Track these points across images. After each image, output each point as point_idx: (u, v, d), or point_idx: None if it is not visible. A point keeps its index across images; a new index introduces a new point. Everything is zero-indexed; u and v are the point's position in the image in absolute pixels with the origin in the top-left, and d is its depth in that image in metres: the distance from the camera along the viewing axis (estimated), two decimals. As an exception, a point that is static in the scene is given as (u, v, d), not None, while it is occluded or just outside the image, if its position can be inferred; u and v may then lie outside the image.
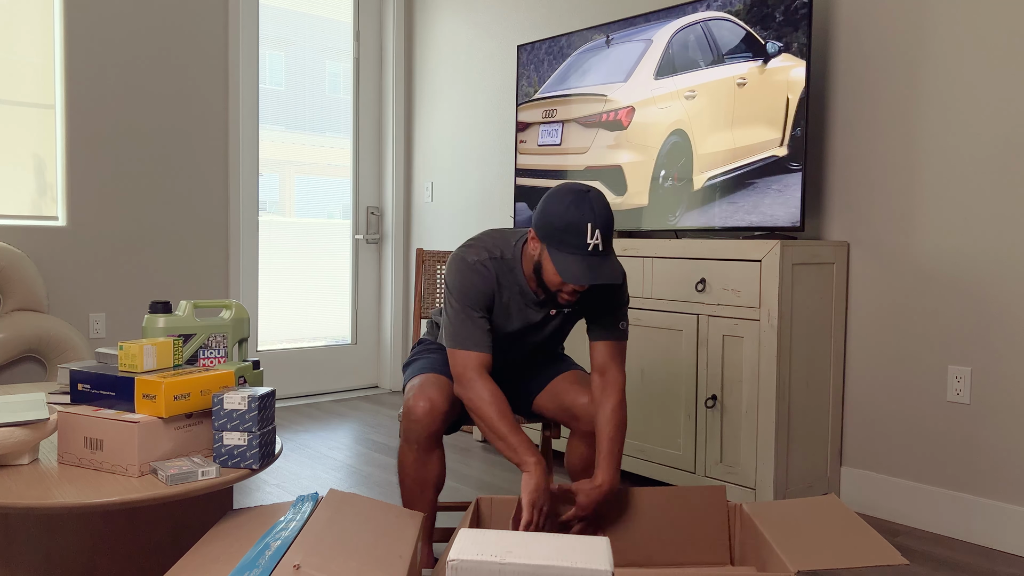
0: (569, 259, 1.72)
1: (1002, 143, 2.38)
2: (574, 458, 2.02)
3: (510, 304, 1.91)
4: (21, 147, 3.47)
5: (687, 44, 2.93)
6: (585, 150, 3.29)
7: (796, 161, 2.61)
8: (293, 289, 4.41)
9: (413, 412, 1.87)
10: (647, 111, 3.08)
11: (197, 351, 1.97)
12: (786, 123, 2.63)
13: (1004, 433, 2.39)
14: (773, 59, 2.67)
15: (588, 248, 1.71)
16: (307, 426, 3.81)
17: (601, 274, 1.71)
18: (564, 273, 1.71)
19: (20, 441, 1.57)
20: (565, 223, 1.71)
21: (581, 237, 1.71)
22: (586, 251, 1.72)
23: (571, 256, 1.72)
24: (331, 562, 1.35)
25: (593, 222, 1.71)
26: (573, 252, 1.72)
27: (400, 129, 4.63)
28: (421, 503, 1.95)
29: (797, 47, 2.60)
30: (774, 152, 2.67)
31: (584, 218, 1.71)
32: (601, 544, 1.36)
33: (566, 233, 1.71)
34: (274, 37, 4.27)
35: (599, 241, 1.71)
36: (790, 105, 2.62)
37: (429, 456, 1.91)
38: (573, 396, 1.99)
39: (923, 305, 2.56)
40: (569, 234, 1.71)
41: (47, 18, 3.50)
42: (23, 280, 3.21)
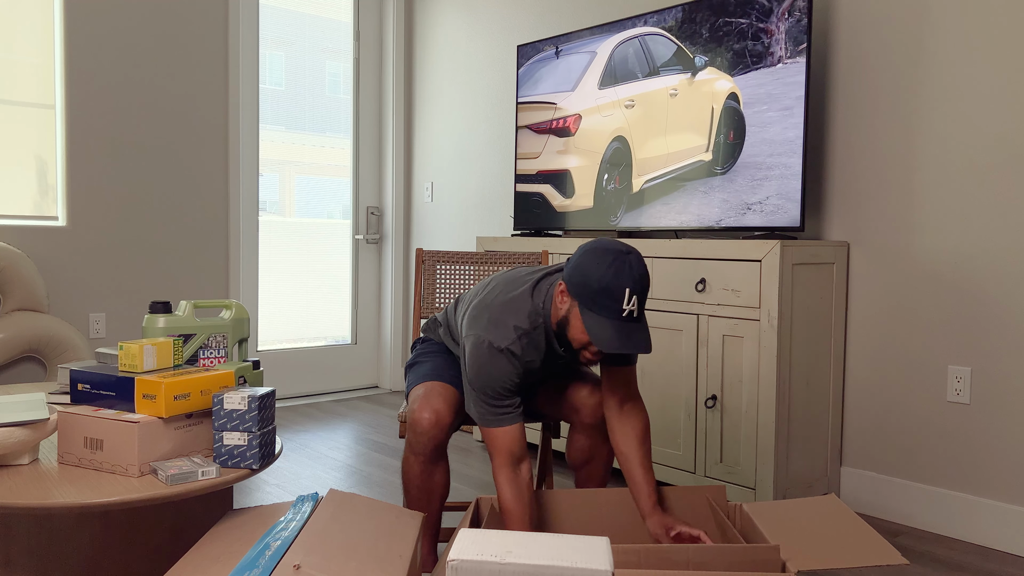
0: (603, 323, 1.64)
1: (1002, 143, 2.38)
2: (575, 451, 2.02)
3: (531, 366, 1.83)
4: (21, 147, 3.47)
5: (626, 57, 3.11)
6: (537, 155, 3.46)
7: (720, 166, 2.80)
8: (293, 289, 4.41)
9: (419, 424, 1.85)
10: (592, 119, 3.26)
11: (197, 351, 1.97)
12: (711, 131, 2.83)
13: (1004, 433, 2.39)
14: (700, 72, 2.86)
15: (623, 314, 1.64)
16: (307, 426, 3.81)
17: (633, 342, 1.64)
18: (596, 338, 1.64)
19: (20, 441, 1.57)
20: (603, 286, 1.63)
21: (618, 303, 1.63)
22: (620, 317, 1.64)
23: (605, 320, 1.64)
24: (331, 562, 1.35)
25: (631, 288, 1.63)
26: (608, 316, 1.64)
27: (400, 129, 4.63)
28: (426, 512, 1.95)
29: (721, 61, 2.79)
30: (701, 157, 2.87)
31: (623, 283, 1.63)
32: (601, 544, 1.36)
33: (602, 295, 1.63)
34: (274, 37, 4.27)
35: (635, 307, 1.64)
36: (715, 114, 2.82)
37: (435, 467, 1.90)
38: (573, 389, 1.98)
39: (923, 305, 2.56)
40: (605, 297, 1.63)
41: (47, 18, 3.50)
42: (23, 280, 3.21)
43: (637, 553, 1.49)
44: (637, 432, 1.84)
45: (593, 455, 2.00)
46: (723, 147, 2.80)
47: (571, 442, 2.02)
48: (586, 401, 1.95)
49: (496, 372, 1.74)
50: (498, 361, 1.74)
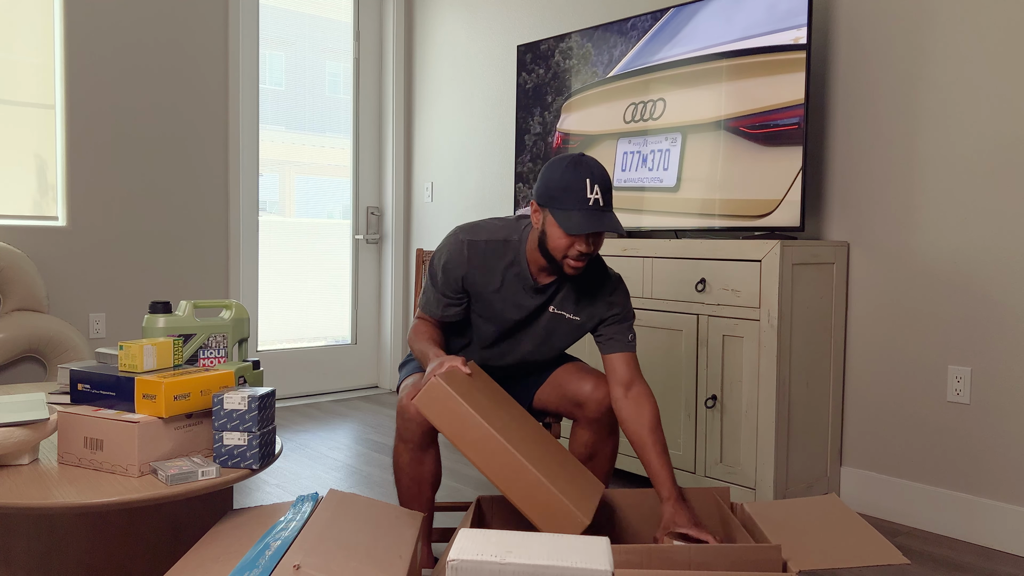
0: (572, 214, 1.76)
1: (1002, 142, 2.38)
2: (578, 446, 2.02)
3: (503, 287, 1.92)
4: (21, 147, 3.47)
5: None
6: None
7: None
8: (293, 289, 4.41)
9: (407, 411, 1.88)
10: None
11: (197, 351, 1.97)
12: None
13: (1004, 433, 2.38)
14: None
15: (589, 203, 1.76)
16: (307, 426, 3.81)
17: (604, 223, 1.76)
18: (567, 226, 1.74)
19: (20, 441, 1.57)
20: (565, 183, 1.77)
21: (582, 193, 1.76)
22: (587, 205, 1.76)
23: (573, 211, 1.76)
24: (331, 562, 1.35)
25: (591, 178, 1.76)
26: (575, 207, 1.76)
27: (400, 129, 4.63)
28: (419, 502, 1.95)
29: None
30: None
31: (582, 175, 1.76)
32: (601, 544, 1.36)
33: (565, 192, 1.76)
34: (274, 37, 4.27)
35: (599, 196, 1.77)
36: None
37: (424, 454, 1.91)
38: (576, 384, 1.98)
39: (923, 305, 2.56)
40: (570, 192, 1.76)
41: (47, 18, 3.50)
42: (23, 280, 3.21)
43: (637, 553, 1.49)
44: (648, 420, 1.88)
45: (596, 451, 2.00)
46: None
47: (574, 437, 2.02)
48: (591, 395, 1.96)
49: (447, 256, 1.91)
50: (455, 247, 1.91)
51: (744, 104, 2.74)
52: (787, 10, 2.62)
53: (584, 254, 1.80)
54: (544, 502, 1.55)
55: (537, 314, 1.96)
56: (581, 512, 1.55)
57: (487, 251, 1.91)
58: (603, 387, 1.96)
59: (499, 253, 1.91)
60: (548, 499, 1.55)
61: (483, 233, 1.92)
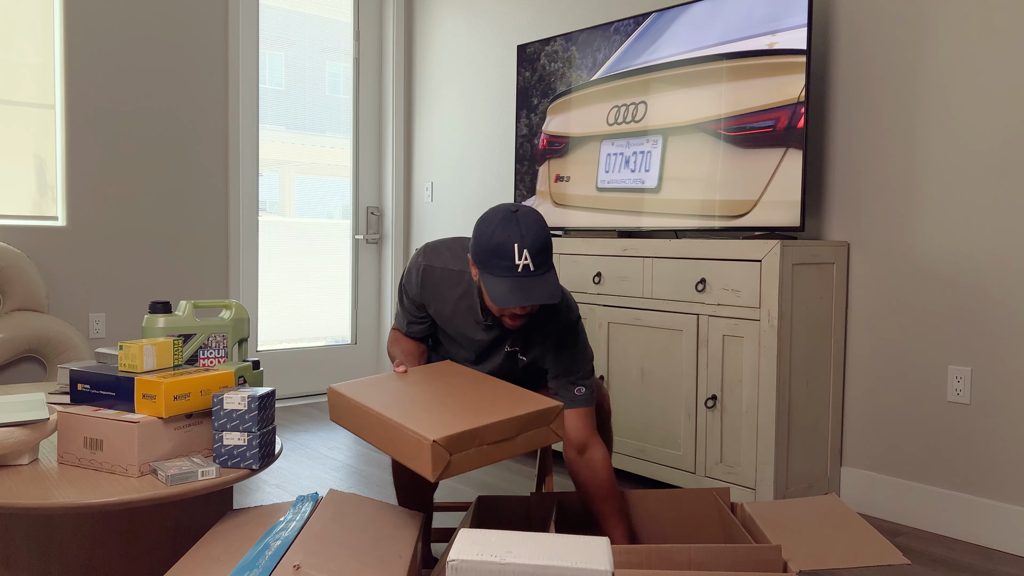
0: (500, 282, 1.65)
1: (1003, 142, 2.38)
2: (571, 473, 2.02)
3: (455, 317, 1.86)
4: (21, 147, 3.46)
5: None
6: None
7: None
8: (293, 289, 4.41)
9: None
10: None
11: (197, 351, 1.97)
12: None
13: (1004, 433, 2.38)
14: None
15: (518, 269, 1.64)
16: (307, 426, 3.81)
17: (530, 295, 1.63)
18: (492, 297, 1.64)
19: (20, 441, 1.57)
20: (491, 247, 1.66)
21: (509, 259, 1.64)
22: (516, 273, 1.64)
23: (501, 279, 1.65)
24: (331, 562, 1.35)
25: (520, 243, 1.64)
26: (503, 275, 1.65)
27: (400, 129, 4.63)
28: (418, 501, 1.95)
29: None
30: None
31: (511, 239, 1.64)
32: (601, 544, 1.36)
33: (493, 256, 1.65)
34: (274, 37, 4.26)
35: (528, 261, 1.64)
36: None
37: None
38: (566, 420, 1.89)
39: (923, 305, 2.56)
40: (496, 257, 1.65)
41: (47, 18, 3.50)
42: (23, 280, 3.21)
43: (637, 553, 1.49)
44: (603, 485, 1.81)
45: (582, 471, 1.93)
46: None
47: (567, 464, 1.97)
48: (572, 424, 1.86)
49: (406, 278, 1.93)
50: (413, 269, 1.90)
51: (722, 107, 2.79)
52: (762, 16, 2.68)
53: (517, 316, 1.72)
54: (400, 438, 1.48)
55: (495, 347, 1.89)
56: (428, 433, 1.44)
57: (441, 279, 1.85)
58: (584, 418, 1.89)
59: (453, 282, 1.84)
60: (400, 434, 1.47)
61: (440, 259, 1.86)
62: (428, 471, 1.42)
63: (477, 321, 1.85)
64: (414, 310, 1.94)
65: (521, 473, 3.10)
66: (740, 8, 2.73)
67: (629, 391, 2.91)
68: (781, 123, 2.62)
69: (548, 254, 1.68)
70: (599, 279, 2.98)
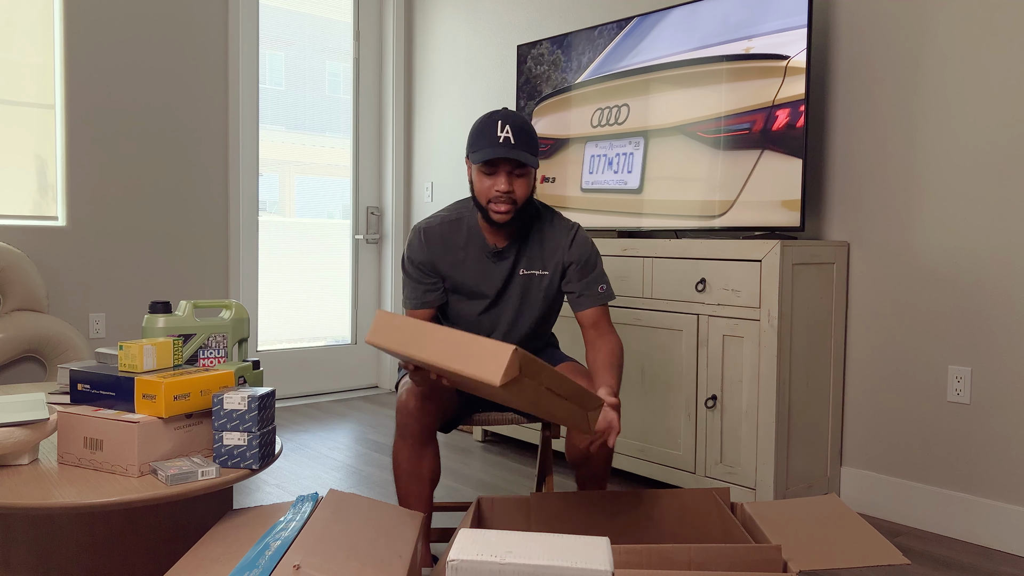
0: (484, 151, 1.87)
1: (1003, 142, 2.38)
2: (573, 449, 2.02)
3: (467, 260, 2.01)
4: (21, 147, 3.46)
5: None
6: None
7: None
8: (293, 289, 4.41)
9: (406, 407, 1.90)
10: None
11: (197, 351, 1.97)
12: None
13: (1004, 433, 2.38)
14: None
15: (500, 140, 1.86)
16: (307, 426, 3.81)
17: (505, 150, 1.84)
18: (476, 157, 1.87)
19: (20, 441, 1.57)
20: (479, 128, 1.90)
21: (493, 133, 1.86)
22: (497, 142, 1.86)
23: (484, 150, 1.87)
24: (331, 562, 1.35)
25: (502, 120, 1.87)
26: (487, 145, 1.87)
27: (400, 129, 4.63)
28: (417, 498, 1.96)
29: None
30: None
31: (493, 119, 1.88)
32: (601, 544, 1.36)
33: (481, 135, 1.88)
34: (274, 37, 4.26)
35: (509, 134, 1.86)
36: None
37: (423, 451, 1.93)
38: None
39: (923, 305, 2.56)
40: (483, 135, 1.88)
41: (47, 18, 3.50)
42: (23, 280, 3.21)
43: (637, 553, 1.49)
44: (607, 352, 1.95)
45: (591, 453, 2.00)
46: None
47: (569, 439, 2.03)
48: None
49: (408, 249, 2.02)
50: (414, 239, 2.02)
51: (700, 110, 2.86)
52: (737, 22, 2.74)
53: (504, 193, 1.88)
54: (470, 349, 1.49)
55: (509, 280, 2.02)
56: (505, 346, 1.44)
57: (442, 232, 2.01)
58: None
59: (454, 230, 2.01)
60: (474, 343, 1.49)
61: (436, 219, 2.03)
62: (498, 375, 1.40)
63: (487, 253, 1.99)
64: (424, 277, 2.01)
65: (521, 473, 3.11)
66: (717, 13, 2.81)
67: (629, 391, 2.91)
68: (757, 126, 2.70)
69: (529, 140, 1.88)
70: (599, 279, 2.98)
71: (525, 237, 2.02)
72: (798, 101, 2.59)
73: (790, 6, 2.61)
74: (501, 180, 1.88)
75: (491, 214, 1.92)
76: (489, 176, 1.89)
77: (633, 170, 3.08)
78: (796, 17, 2.59)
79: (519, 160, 1.85)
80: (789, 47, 2.61)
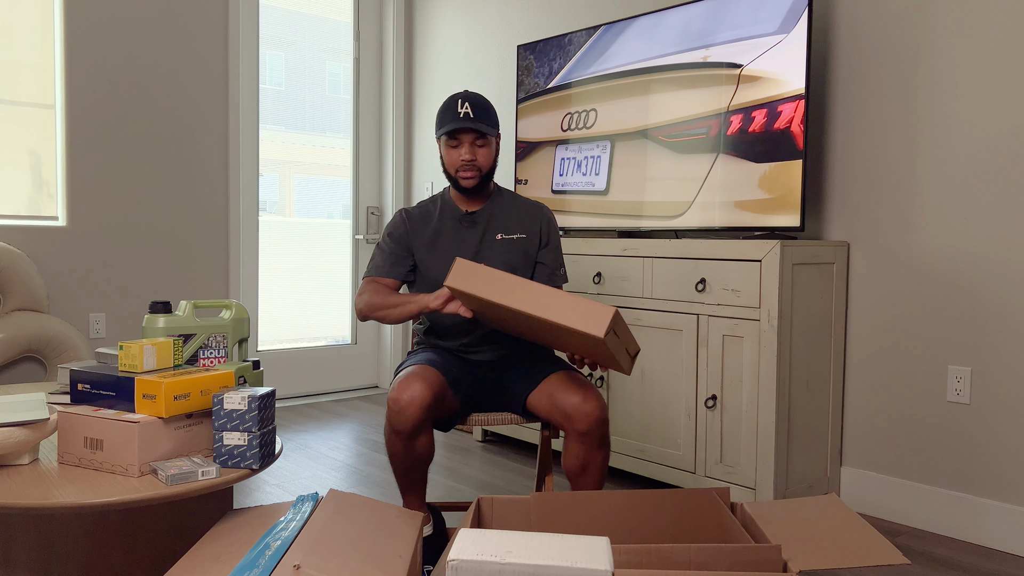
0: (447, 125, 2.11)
1: (1003, 142, 2.38)
2: (570, 459, 2.02)
3: (442, 231, 2.19)
4: (21, 147, 3.47)
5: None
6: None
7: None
8: (293, 289, 4.41)
9: (396, 403, 1.91)
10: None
11: (197, 351, 1.97)
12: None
13: (1004, 433, 2.38)
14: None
15: (460, 115, 2.10)
16: (307, 426, 3.81)
17: (469, 123, 2.08)
18: (441, 131, 2.12)
19: (20, 441, 1.57)
20: (444, 108, 2.14)
21: (454, 108, 2.11)
22: (458, 117, 2.10)
23: (449, 123, 2.11)
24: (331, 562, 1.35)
25: (462, 99, 2.11)
26: (450, 121, 2.11)
27: (400, 129, 4.63)
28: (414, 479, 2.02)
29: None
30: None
31: (454, 99, 2.12)
32: (601, 544, 1.36)
33: (445, 113, 2.12)
34: (274, 37, 4.26)
35: (468, 110, 2.10)
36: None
37: (416, 440, 1.95)
38: (565, 395, 1.99)
39: (923, 305, 2.56)
40: (447, 113, 2.12)
41: (47, 18, 3.50)
42: (23, 280, 3.21)
43: (637, 553, 1.49)
44: None
45: (587, 463, 2.01)
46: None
47: (566, 450, 2.03)
48: (580, 408, 1.97)
49: (389, 225, 2.23)
50: (396, 218, 2.23)
51: (661, 115, 3.01)
52: (697, 31, 2.88)
53: (469, 161, 2.12)
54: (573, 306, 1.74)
55: (486, 242, 2.20)
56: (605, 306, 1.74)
57: (420, 210, 2.24)
58: (592, 399, 1.97)
59: (429, 206, 2.24)
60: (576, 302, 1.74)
61: (415, 203, 2.30)
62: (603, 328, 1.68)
63: (459, 219, 2.20)
64: (398, 250, 2.19)
65: (521, 473, 3.11)
66: (678, 22, 2.94)
67: (629, 391, 2.91)
68: (712, 131, 2.82)
69: (486, 114, 2.12)
70: (599, 279, 2.98)
71: (495, 204, 2.23)
72: (750, 107, 2.71)
73: (743, 18, 2.74)
74: (465, 150, 2.11)
75: (460, 182, 2.14)
76: (454, 148, 2.13)
77: (600, 172, 3.23)
78: (748, 28, 2.73)
79: (479, 131, 2.09)
80: (742, 56, 2.75)
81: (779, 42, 2.64)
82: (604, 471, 2.04)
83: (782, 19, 2.63)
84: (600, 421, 1.96)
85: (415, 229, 2.20)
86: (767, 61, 2.67)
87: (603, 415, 1.97)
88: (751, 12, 2.71)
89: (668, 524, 1.92)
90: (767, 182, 2.67)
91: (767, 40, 2.67)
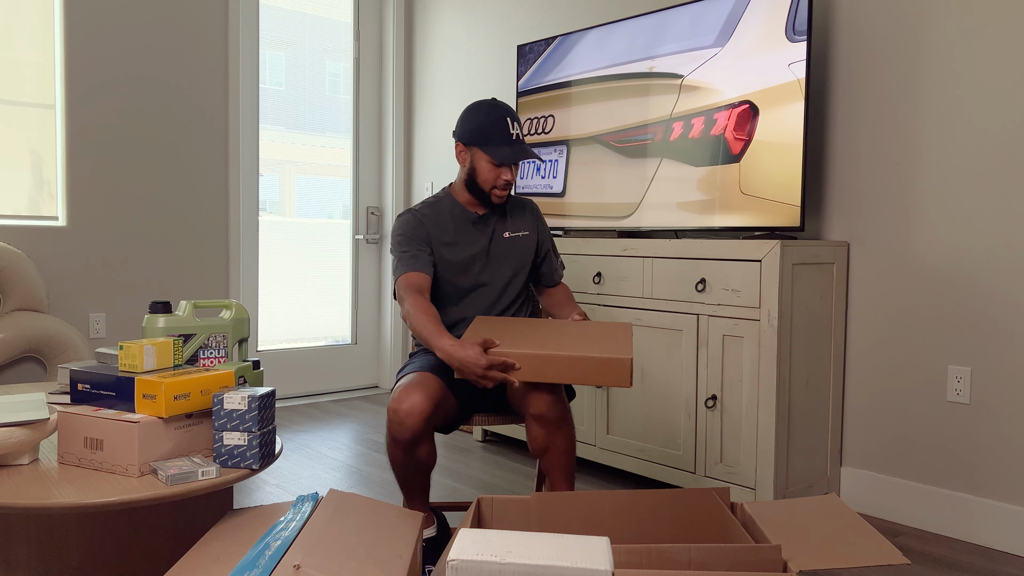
0: (501, 148, 2.10)
1: (1003, 143, 2.38)
2: (531, 442, 2.03)
3: (455, 232, 2.19)
4: (21, 147, 3.46)
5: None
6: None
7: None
8: (293, 289, 4.41)
9: (396, 413, 1.91)
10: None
11: (197, 351, 1.97)
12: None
13: (1004, 433, 2.38)
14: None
15: (513, 137, 2.11)
16: (307, 426, 3.81)
17: (525, 153, 2.11)
18: (500, 157, 2.09)
19: (20, 441, 1.57)
20: (490, 123, 2.10)
21: (505, 130, 2.10)
22: (511, 140, 2.11)
23: (502, 146, 2.10)
24: (331, 562, 1.35)
25: (511, 116, 2.12)
26: (503, 143, 2.10)
27: (400, 129, 4.63)
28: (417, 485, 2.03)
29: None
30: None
31: (500, 114, 2.11)
32: (601, 544, 1.36)
33: (492, 130, 2.10)
34: (274, 37, 4.26)
35: (518, 131, 2.13)
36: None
37: (417, 449, 1.95)
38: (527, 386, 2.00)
39: (923, 305, 2.56)
40: (495, 130, 2.10)
41: (47, 18, 3.50)
42: (23, 280, 3.21)
43: (637, 553, 1.49)
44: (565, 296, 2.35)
45: (548, 444, 2.01)
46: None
47: (527, 433, 2.05)
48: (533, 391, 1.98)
49: (400, 227, 2.18)
50: (403, 218, 2.20)
51: (611, 121, 3.17)
52: (643, 44, 3.04)
53: (508, 182, 2.13)
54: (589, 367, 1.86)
55: (496, 240, 2.23)
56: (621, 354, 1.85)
57: (428, 210, 2.21)
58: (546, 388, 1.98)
59: (437, 207, 2.22)
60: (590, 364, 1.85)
61: (419, 205, 2.23)
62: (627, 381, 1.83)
63: (472, 222, 2.20)
64: (423, 244, 2.16)
65: (521, 473, 3.11)
66: (627, 34, 3.10)
67: (629, 391, 2.91)
68: (657, 136, 3.00)
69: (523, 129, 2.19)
70: (599, 279, 2.98)
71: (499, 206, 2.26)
72: (690, 115, 2.87)
73: (683, 31, 2.89)
74: (508, 171, 2.13)
75: (493, 198, 2.16)
76: (497, 167, 2.12)
77: (558, 176, 3.41)
78: (688, 41, 2.89)
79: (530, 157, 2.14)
80: (683, 67, 2.92)
81: (715, 55, 2.80)
82: (569, 453, 2.04)
83: (717, 33, 2.80)
84: (552, 402, 1.96)
85: (431, 229, 2.18)
86: (705, 72, 2.84)
87: (555, 396, 1.97)
88: (690, 26, 2.87)
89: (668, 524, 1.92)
90: (704, 185, 2.84)
91: (705, 52, 2.84)
